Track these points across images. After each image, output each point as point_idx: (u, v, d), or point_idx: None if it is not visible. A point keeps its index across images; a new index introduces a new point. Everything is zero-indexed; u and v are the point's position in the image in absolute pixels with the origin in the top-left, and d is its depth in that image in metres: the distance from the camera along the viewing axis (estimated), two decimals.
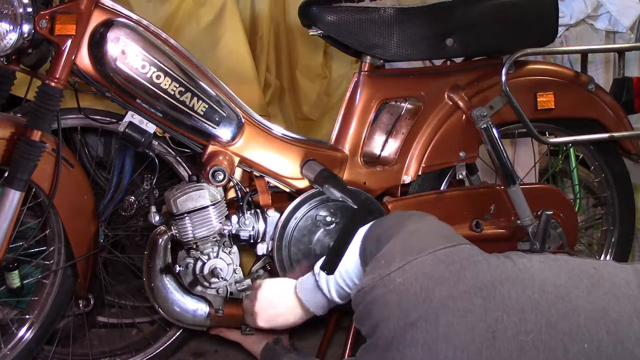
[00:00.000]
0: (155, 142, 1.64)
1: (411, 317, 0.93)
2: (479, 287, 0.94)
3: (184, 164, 1.71)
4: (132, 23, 1.49)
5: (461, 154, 1.73)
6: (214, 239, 1.55)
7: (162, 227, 1.57)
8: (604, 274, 0.96)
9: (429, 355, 0.89)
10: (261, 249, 1.60)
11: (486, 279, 0.95)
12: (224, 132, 1.58)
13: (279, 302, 1.49)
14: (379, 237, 1.23)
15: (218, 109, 1.57)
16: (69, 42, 1.43)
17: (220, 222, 1.55)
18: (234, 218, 1.58)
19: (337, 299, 1.42)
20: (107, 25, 1.46)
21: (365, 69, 1.68)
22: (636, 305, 0.90)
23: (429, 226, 1.21)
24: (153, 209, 1.58)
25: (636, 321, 0.88)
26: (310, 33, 1.69)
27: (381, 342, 0.97)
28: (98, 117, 1.68)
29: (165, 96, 1.51)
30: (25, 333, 1.65)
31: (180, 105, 1.53)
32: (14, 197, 1.44)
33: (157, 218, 1.57)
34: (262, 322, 1.49)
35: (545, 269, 0.99)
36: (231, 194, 1.63)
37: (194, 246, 1.55)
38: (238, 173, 1.63)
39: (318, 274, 1.43)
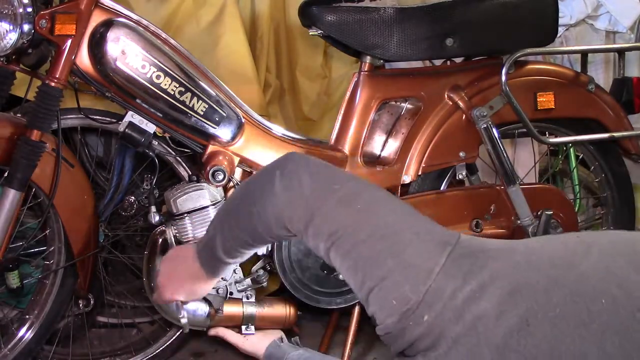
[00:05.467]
0: (155, 142, 1.64)
1: (451, 336, 0.96)
2: (501, 286, 0.97)
3: (184, 164, 1.71)
4: (132, 23, 1.49)
5: (461, 154, 1.73)
6: None
7: (162, 227, 1.57)
8: (589, 240, 1.04)
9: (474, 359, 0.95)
10: (261, 249, 1.60)
11: (503, 275, 0.98)
12: (224, 132, 1.58)
13: (181, 269, 1.30)
14: (311, 210, 1.05)
15: (218, 109, 1.57)
16: (69, 42, 1.43)
17: None
18: None
19: (230, 261, 1.22)
20: (107, 25, 1.46)
21: (365, 69, 1.68)
22: (629, 259, 0.98)
23: (395, 215, 1.07)
24: (153, 209, 1.58)
25: (633, 273, 0.96)
26: (310, 33, 1.69)
27: None
28: (98, 117, 1.68)
29: (165, 96, 1.51)
30: (25, 333, 1.65)
31: (180, 105, 1.53)
32: (14, 197, 1.44)
33: (157, 218, 1.57)
34: (169, 293, 1.31)
35: (543, 246, 1.06)
36: None
37: None
38: (238, 173, 1.63)
39: (212, 238, 1.21)
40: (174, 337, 1.81)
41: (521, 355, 0.92)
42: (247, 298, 1.61)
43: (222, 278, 1.54)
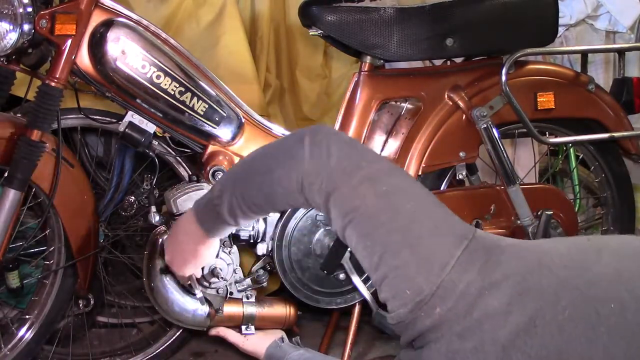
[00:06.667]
0: (155, 142, 1.64)
1: (458, 331, 0.96)
2: (512, 285, 0.97)
3: (184, 164, 1.71)
4: (132, 23, 1.49)
5: (461, 154, 1.73)
6: None
7: (162, 227, 1.57)
8: (599, 244, 1.04)
9: (478, 358, 0.94)
10: (261, 249, 1.60)
11: (515, 274, 0.98)
12: (224, 132, 1.58)
13: (182, 236, 1.31)
14: (335, 182, 1.04)
15: (218, 109, 1.57)
16: (69, 42, 1.43)
17: None
18: None
19: (232, 222, 1.21)
20: (107, 25, 1.46)
21: (365, 69, 1.68)
22: (639, 264, 0.98)
23: (417, 203, 1.06)
24: (153, 209, 1.58)
25: None
26: (310, 33, 1.69)
27: (431, 356, 0.99)
28: (98, 117, 1.68)
29: (165, 96, 1.51)
30: (25, 333, 1.64)
31: (180, 105, 1.53)
32: (14, 197, 1.44)
33: (157, 218, 1.57)
34: (178, 267, 1.34)
35: (556, 247, 1.05)
36: None
37: None
38: None
39: (219, 196, 1.19)
40: (174, 337, 1.81)
41: (527, 356, 0.92)
42: (247, 298, 1.61)
43: (222, 278, 1.54)
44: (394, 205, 1.03)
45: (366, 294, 1.56)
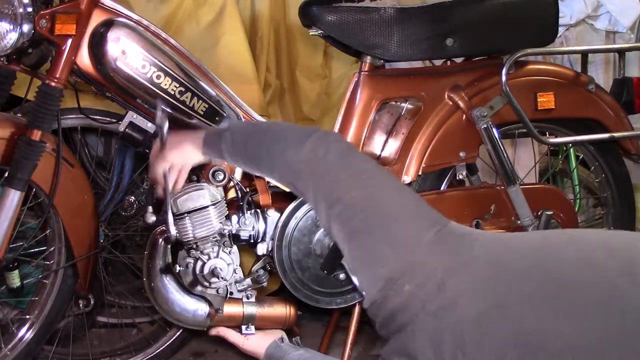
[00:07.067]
0: None
1: (431, 310, 1.00)
2: (482, 267, 1.02)
3: None
4: (132, 23, 1.49)
5: (461, 154, 1.73)
6: (214, 239, 1.55)
7: (162, 227, 1.57)
8: (569, 231, 1.13)
9: (453, 336, 0.98)
10: (261, 249, 1.60)
11: (485, 255, 1.04)
12: None
13: (186, 134, 1.42)
14: (323, 177, 1.18)
15: (218, 109, 1.57)
16: (69, 42, 1.43)
17: (221, 222, 1.54)
18: (234, 218, 1.58)
19: (225, 157, 1.37)
20: (108, 25, 1.46)
21: (365, 69, 1.68)
22: (607, 247, 1.01)
23: (393, 194, 1.16)
24: (150, 209, 1.58)
25: (611, 261, 0.98)
26: (310, 33, 1.69)
27: (409, 339, 1.03)
28: (98, 117, 1.68)
29: (166, 96, 1.52)
30: (25, 333, 1.65)
31: (180, 105, 1.53)
32: (14, 197, 1.44)
33: (153, 218, 1.57)
34: (168, 147, 1.42)
35: (526, 235, 1.17)
36: (231, 194, 1.63)
37: (194, 246, 1.55)
38: (238, 173, 1.63)
39: (230, 132, 1.35)
40: (174, 337, 1.81)
41: (501, 331, 0.95)
42: (247, 298, 1.61)
43: (222, 278, 1.54)
44: (375, 197, 1.13)
45: None
